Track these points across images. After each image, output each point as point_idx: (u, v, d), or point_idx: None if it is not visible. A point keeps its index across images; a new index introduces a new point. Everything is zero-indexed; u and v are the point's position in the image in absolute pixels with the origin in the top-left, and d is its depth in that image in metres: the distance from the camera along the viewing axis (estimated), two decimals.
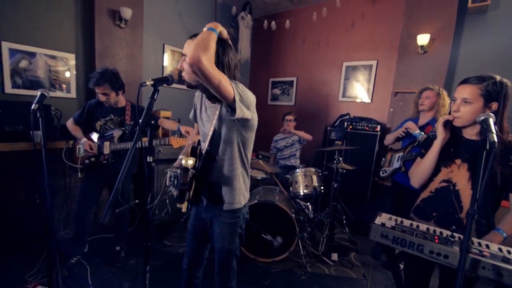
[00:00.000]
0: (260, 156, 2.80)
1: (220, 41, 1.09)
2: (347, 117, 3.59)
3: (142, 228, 2.89)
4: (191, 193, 1.17)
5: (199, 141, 1.41)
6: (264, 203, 2.41)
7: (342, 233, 3.09)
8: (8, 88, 2.48)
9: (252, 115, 1.14)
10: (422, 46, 3.03)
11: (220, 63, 1.09)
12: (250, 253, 2.44)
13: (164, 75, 1.07)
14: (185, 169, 1.15)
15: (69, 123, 2.14)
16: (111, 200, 0.88)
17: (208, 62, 0.92)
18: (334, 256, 2.58)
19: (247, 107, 1.09)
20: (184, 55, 1.13)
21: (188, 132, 2.03)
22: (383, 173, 2.51)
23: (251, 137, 1.25)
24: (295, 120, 3.34)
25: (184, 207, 1.18)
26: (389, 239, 1.12)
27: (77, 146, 2.08)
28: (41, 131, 1.22)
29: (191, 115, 1.41)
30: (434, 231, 1.13)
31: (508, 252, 0.99)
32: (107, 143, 2.06)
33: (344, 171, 2.93)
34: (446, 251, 1.00)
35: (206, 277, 1.52)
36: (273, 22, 3.91)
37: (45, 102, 1.39)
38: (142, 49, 3.23)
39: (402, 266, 1.98)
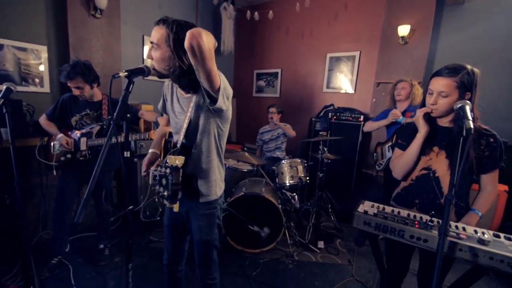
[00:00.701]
0: (245, 148, 2.78)
1: (192, 27, 1.04)
2: (331, 108, 3.63)
3: (126, 225, 2.83)
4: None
5: (170, 133, 1.37)
6: (251, 195, 2.41)
7: (328, 221, 3.15)
8: None
9: (228, 106, 1.13)
10: (403, 37, 3.08)
11: None
12: (238, 245, 2.45)
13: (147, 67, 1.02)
14: (175, 168, 1.10)
15: (42, 119, 2.02)
16: (85, 198, 0.84)
17: (207, 42, 0.88)
18: (321, 244, 2.64)
19: (227, 97, 1.08)
20: (152, 42, 1.06)
21: None
22: (379, 167, 2.67)
23: (227, 128, 1.24)
24: (279, 112, 3.33)
25: (176, 207, 1.15)
26: (372, 226, 1.15)
27: (52, 143, 1.98)
28: (8, 128, 1.14)
29: (159, 106, 1.37)
30: (415, 216, 1.17)
31: (483, 233, 1.03)
32: (84, 139, 1.97)
33: (329, 161, 2.96)
34: (425, 235, 1.03)
35: (191, 270, 1.50)
36: (256, 13, 3.85)
37: (17, 97, 1.30)
38: (120, 41, 3.09)
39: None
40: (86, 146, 1.98)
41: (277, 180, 2.77)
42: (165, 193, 1.13)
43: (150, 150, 1.38)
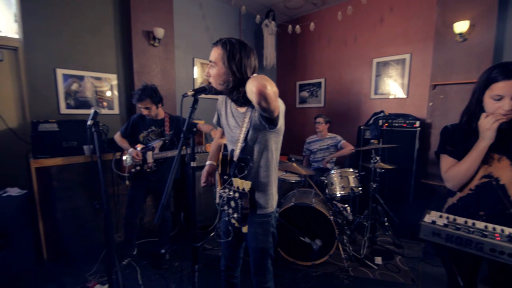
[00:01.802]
0: (293, 159, 2.79)
1: (244, 47, 1.14)
2: (382, 114, 3.45)
3: (184, 232, 3.02)
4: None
5: (225, 145, 1.45)
6: (301, 205, 2.39)
7: (384, 236, 2.94)
8: (63, 109, 2.79)
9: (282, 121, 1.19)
10: (461, 34, 2.83)
11: (242, 66, 1.12)
12: (289, 256, 2.43)
13: (196, 86, 1.14)
14: (243, 194, 1.17)
15: (117, 136, 2.34)
16: (163, 202, 0.95)
17: (271, 89, 0.94)
18: (378, 260, 2.47)
19: (283, 115, 1.15)
20: (210, 61, 1.17)
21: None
22: None
23: (281, 140, 1.29)
24: (326, 122, 3.30)
25: (245, 228, 1.23)
26: (442, 237, 1.06)
27: (124, 157, 2.26)
28: (96, 144, 1.36)
29: (214, 120, 1.46)
30: (494, 228, 1.05)
31: None
32: (150, 153, 2.22)
33: (383, 170, 2.80)
34: (510, 249, 0.92)
35: (247, 279, 1.54)
36: (297, 26, 3.93)
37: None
38: (174, 64, 3.43)
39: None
40: (152, 159, 2.22)
41: (326, 191, 2.70)
42: (235, 215, 1.20)
43: (208, 162, 1.47)
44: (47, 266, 2.32)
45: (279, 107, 1.08)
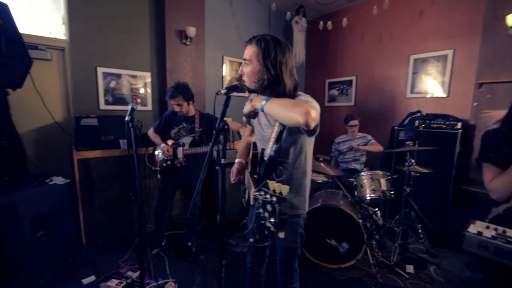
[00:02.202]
0: (321, 159, 2.72)
1: (279, 44, 1.10)
2: (419, 114, 3.24)
3: (210, 226, 3.10)
4: None
5: (254, 144, 1.44)
6: (328, 207, 2.33)
7: (417, 244, 2.77)
8: (102, 105, 2.97)
9: None
10: None
11: (277, 63, 1.09)
12: (314, 258, 2.38)
13: (224, 84, 1.15)
14: (282, 199, 1.15)
15: (150, 132, 2.45)
16: (194, 198, 0.98)
17: (312, 109, 0.92)
18: (410, 268, 2.33)
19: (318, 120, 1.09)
20: (245, 59, 1.16)
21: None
22: None
23: (313, 143, 1.26)
24: (359, 122, 3.19)
25: (282, 234, 1.20)
26: (490, 251, 0.97)
27: (156, 152, 2.37)
28: (133, 139, 1.43)
29: (244, 118, 1.44)
30: None
31: None
32: (180, 148, 2.30)
33: (418, 174, 2.63)
34: None
35: (272, 278, 1.54)
36: (329, 22, 3.82)
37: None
38: (204, 62, 3.51)
39: None
40: (182, 154, 2.29)
41: (355, 193, 2.60)
42: (272, 220, 1.16)
43: (237, 160, 1.47)
44: (86, 251, 2.51)
45: (318, 114, 1.03)
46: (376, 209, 2.56)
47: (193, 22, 3.26)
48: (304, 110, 0.90)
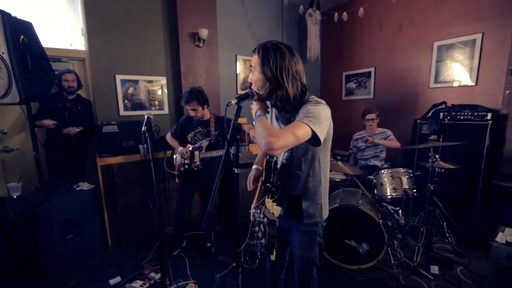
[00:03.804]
0: (338, 157, 2.65)
1: (279, 49, 1.07)
2: (443, 106, 3.05)
3: (228, 226, 3.15)
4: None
5: None
6: (346, 207, 2.27)
7: (443, 243, 2.64)
8: (121, 111, 3.09)
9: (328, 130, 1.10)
10: None
11: (277, 70, 1.06)
12: (333, 259, 2.35)
13: (238, 82, 1.15)
14: (271, 222, 1.12)
15: (168, 137, 2.52)
16: (209, 210, 1.01)
17: (277, 140, 0.93)
18: (434, 269, 2.24)
19: (326, 127, 1.06)
20: (251, 66, 1.15)
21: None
22: None
23: (329, 148, 1.23)
24: (377, 116, 3.05)
25: (272, 257, 1.17)
26: None
27: (175, 156, 2.43)
28: (150, 148, 1.48)
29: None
30: None
31: None
32: (197, 152, 2.34)
33: (443, 170, 2.49)
34: None
35: (292, 281, 1.53)
36: (344, 13, 3.67)
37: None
38: (218, 63, 3.52)
39: None
40: (199, 158, 2.34)
41: (375, 191, 2.52)
42: (262, 240, 1.15)
43: (254, 167, 1.47)
44: (111, 252, 2.65)
45: (322, 127, 1.01)
46: (398, 208, 2.47)
47: (205, 23, 3.27)
48: (265, 142, 0.94)
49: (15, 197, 2.12)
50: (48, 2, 2.69)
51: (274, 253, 1.18)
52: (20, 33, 2.00)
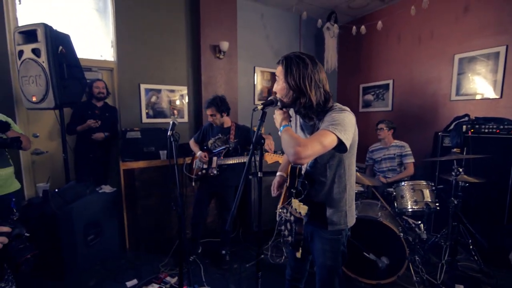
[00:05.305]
0: (357, 168, 2.62)
1: (302, 60, 1.12)
2: (466, 119, 2.97)
3: (244, 234, 3.14)
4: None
5: None
6: (365, 219, 2.22)
7: (468, 261, 2.51)
8: (144, 118, 3.23)
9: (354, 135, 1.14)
10: None
11: (300, 79, 1.10)
12: (351, 272, 2.29)
13: (256, 93, 1.19)
14: (298, 220, 1.15)
15: (191, 142, 2.62)
16: (233, 211, 1.05)
17: (304, 149, 0.97)
18: None
19: (351, 133, 1.09)
20: (276, 75, 1.21)
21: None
22: None
23: (355, 154, 1.24)
24: (390, 128, 3.01)
25: (298, 254, 1.20)
26: None
27: (195, 160, 2.50)
28: (174, 153, 1.55)
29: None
30: None
31: None
32: (215, 158, 2.40)
33: (467, 184, 2.40)
34: None
35: None
36: (362, 27, 3.72)
37: (166, 127, 1.75)
38: (237, 74, 3.63)
39: None
40: (216, 164, 2.39)
41: (395, 204, 2.45)
42: (289, 238, 1.18)
43: (278, 173, 1.48)
44: (129, 254, 2.71)
45: (331, 136, 1.03)
46: (419, 222, 2.39)
47: (226, 36, 3.40)
48: (293, 151, 0.97)
49: (56, 190, 2.25)
50: (84, 16, 2.90)
51: (300, 250, 1.18)
52: (59, 44, 2.18)
